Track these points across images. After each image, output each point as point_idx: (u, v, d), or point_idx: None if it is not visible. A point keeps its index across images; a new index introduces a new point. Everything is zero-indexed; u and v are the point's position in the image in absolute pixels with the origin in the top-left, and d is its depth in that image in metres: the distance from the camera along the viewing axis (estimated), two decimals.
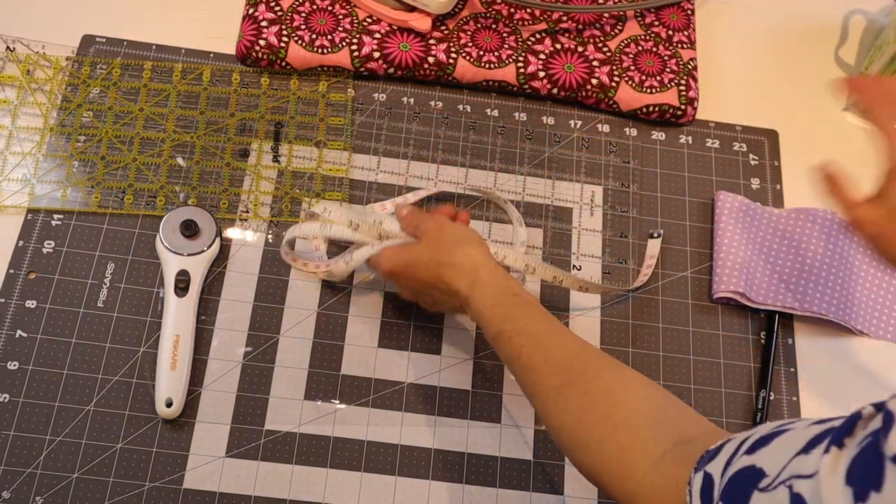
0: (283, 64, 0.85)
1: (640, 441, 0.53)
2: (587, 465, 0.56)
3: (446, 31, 0.88)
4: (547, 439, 0.74)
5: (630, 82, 0.88)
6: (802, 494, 0.39)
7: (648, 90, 0.88)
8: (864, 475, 0.37)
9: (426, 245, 0.69)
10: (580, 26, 0.91)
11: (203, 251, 0.76)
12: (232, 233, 0.79)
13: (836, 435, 0.40)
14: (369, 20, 0.88)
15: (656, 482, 0.51)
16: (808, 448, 0.40)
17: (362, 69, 0.86)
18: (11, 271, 0.76)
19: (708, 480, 0.46)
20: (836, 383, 0.79)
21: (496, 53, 0.87)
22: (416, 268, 0.69)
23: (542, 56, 0.88)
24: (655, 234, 0.83)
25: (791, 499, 0.39)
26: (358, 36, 0.86)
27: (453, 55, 0.87)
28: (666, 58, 0.90)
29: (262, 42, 0.85)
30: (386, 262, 0.71)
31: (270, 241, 0.79)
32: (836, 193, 0.64)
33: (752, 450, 0.44)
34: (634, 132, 0.89)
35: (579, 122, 0.88)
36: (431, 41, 0.87)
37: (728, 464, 0.45)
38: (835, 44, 0.97)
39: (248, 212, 0.80)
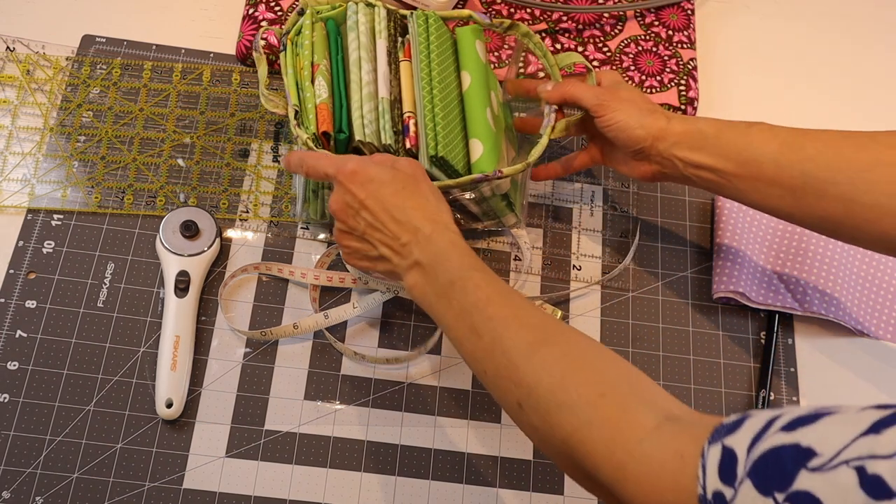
0: None
1: (633, 409, 0.50)
2: (566, 430, 0.51)
3: None
4: None
5: (630, 82, 0.88)
6: (882, 475, 0.37)
7: (648, 90, 0.88)
8: None
9: (397, 172, 0.63)
10: (580, 26, 0.91)
11: (203, 252, 0.76)
12: (232, 233, 0.79)
13: None
14: None
15: (653, 454, 0.48)
16: (876, 429, 0.39)
17: None
18: (11, 271, 0.76)
19: (729, 455, 0.43)
20: (836, 383, 0.79)
21: (496, 54, 0.87)
22: (382, 186, 0.61)
23: None
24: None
25: (863, 480, 0.38)
26: None
27: None
28: (666, 58, 0.90)
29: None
30: (351, 164, 0.62)
31: (270, 240, 0.79)
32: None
33: (790, 427, 0.42)
34: None
35: None
36: None
37: (757, 439, 0.43)
38: None
39: (248, 212, 0.80)
